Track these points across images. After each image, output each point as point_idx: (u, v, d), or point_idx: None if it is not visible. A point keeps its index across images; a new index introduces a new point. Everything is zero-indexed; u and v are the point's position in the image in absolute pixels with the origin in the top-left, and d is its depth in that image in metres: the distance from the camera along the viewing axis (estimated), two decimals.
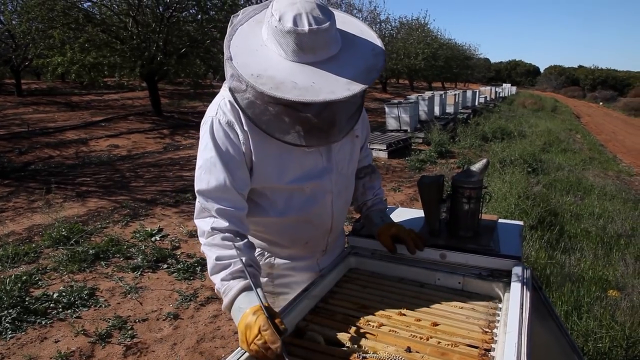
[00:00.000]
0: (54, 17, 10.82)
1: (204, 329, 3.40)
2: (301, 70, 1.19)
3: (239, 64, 1.19)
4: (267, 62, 1.21)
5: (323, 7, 1.22)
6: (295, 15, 1.17)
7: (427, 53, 30.71)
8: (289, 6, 1.19)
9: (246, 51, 1.23)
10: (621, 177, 10.20)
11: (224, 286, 1.27)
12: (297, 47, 1.19)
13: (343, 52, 1.26)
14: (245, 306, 1.20)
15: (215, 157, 1.33)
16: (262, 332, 1.10)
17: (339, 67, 1.22)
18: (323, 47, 1.21)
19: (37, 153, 8.98)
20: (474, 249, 1.61)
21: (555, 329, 1.62)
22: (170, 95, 19.09)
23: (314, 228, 1.55)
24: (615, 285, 4.00)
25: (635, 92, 56.84)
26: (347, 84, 1.19)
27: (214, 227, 1.32)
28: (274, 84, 1.16)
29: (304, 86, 1.16)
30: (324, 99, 1.16)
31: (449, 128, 13.41)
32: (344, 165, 1.54)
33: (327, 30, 1.19)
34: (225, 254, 1.29)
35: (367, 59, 1.27)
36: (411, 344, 1.20)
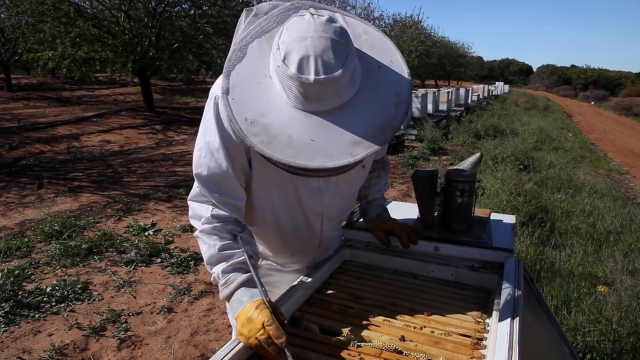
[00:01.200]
0: (44, 11, 10.73)
1: (197, 322, 3.41)
2: (301, 121, 1.04)
3: (235, 102, 1.05)
4: (267, 102, 1.06)
5: (340, 45, 1.02)
6: (302, 58, 0.99)
7: (421, 51, 30.82)
8: (298, 42, 1.00)
9: (247, 83, 1.07)
10: (611, 176, 10.31)
11: (224, 277, 1.22)
12: (300, 95, 1.03)
13: (358, 96, 1.08)
14: (247, 299, 1.17)
15: (218, 141, 1.20)
16: (266, 327, 1.07)
17: (348, 121, 1.05)
18: (331, 97, 1.04)
19: (28, 148, 8.92)
20: (466, 241, 1.63)
21: (546, 320, 1.65)
22: (162, 91, 19.02)
23: (301, 243, 1.51)
24: (604, 281, 4.05)
25: (626, 92, 57.33)
26: (350, 145, 1.03)
27: (214, 214, 1.25)
28: (266, 136, 1.02)
29: (299, 144, 1.02)
30: (318, 166, 1.02)
31: (442, 125, 13.48)
32: (344, 187, 1.43)
33: (337, 80, 1.01)
34: (226, 244, 1.24)
35: (385, 108, 1.08)
36: (405, 333, 1.22)
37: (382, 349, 1.15)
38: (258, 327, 1.09)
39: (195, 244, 4.76)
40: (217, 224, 1.26)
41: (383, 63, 1.14)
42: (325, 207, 1.41)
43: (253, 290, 1.19)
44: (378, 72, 1.12)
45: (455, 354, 1.13)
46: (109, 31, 11.85)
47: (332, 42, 1.01)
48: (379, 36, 1.19)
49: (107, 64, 12.38)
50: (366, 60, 1.13)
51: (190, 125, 12.73)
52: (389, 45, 1.18)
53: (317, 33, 1.01)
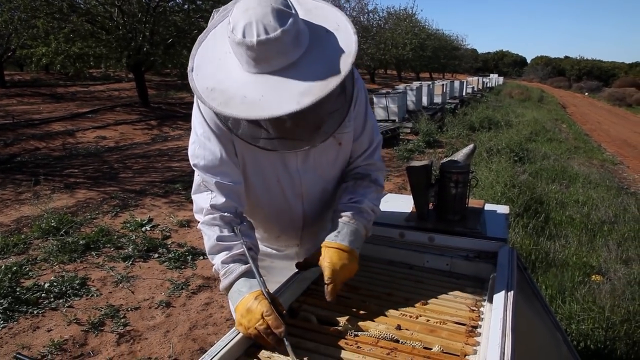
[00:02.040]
0: (37, 7, 10.65)
1: (196, 316, 3.44)
2: (254, 82, 1.12)
3: (198, 77, 1.15)
4: (225, 73, 1.15)
5: (279, 11, 1.10)
6: (245, 25, 1.09)
7: (415, 43, 30.80)
8: (243, 13, 1.10)
9: (210, 61, 1.18)
10: (605, 166, 10.36)
11: (224, 268, 1.27)
12: (248, 58, 1.11)
13: (305, 56, 1.14)
14: (246, 290, 1.20)
15: (208, 131, 1.30)
16: (265, 317, 1.11)
17: (295, 76, 1.11)
18: (276, 56, 1.10)
19: (23, 145, 8.89)
20: (461, 231, 1.66)
21: (539, 308, 1.67)
22: (157, 86, 18.93)
23: (283, 224, 1.54)
24: (598, 270, 4.10)
25: (619, 83, 57.53)
26: (297, 95, 1.08)
27: (213, 204, 1.31)
28: (223, 99, 1.11)
29: (252, 100, 1.09)
30: (270, 115, 1.07)
31: (437, 118, 13.50)
32: (325, 169, 1.46)
33: (278, 39, 1.08)
34: (226, 235, 1.29)
35: (330, 63, 1.14)
36: (401, 322, 1.24)
37: (379, 338, 1.17)
38: (257, 317, 1.12)
39: (192, 238, 4.78)
40: (216, 214, 1.31)
41: (330, 29, 1.20)
42: (304, 189, 1.45)
43: (252, 281, 1.22)
44: (326, 36, 1.19)
45: (450, 341, 1.16)
46: (102, 27, 11.78)
47: (271, 9, 1.10)
48: (329, 7, 1.26)
49: (101, 59, 12.30)
50: (314, 28, 1.20)
51: (186, 120, 12.70)
52: (337, 13, 1.24)
53: (259, 4, 1.11)
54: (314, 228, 1.59)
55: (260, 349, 1.15)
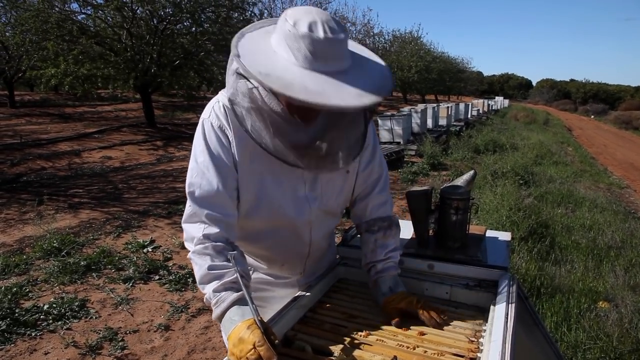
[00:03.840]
0: (48, 29, 10.86)
1: (195, 340, 3.39)
2: (311, 77, 1.14)
3: (248, 60, 1.14)
4: (276, 64, 1.16)
5: (337, 20, 1.20)
6: (311, 22, 1.14)
7: (420, 66, 31.04)
8: (305, 14, 1.16)
9: (256, 52, 1.18)
10: (612, 190, 10.30)
11: (215, 297, 1.24)
12: (309, 53, 1.14)
13: (352, 70, 1.21)
14: (238, 319, 1.18)
15: (208, 160, 1.30)
16: (257, 347, 1.09)
17: (349, 81, 1.17)
18: (335, 58, 1.17)
19: (30, 164, 8.95)
20: (461, 259, 1.63)
21: (541, 338, 1.64)
22: (164, 107, 19.12)
23: (289, 253, 1.52)
24: (605, 297, 4.03)
25: (625, 106, 57.55)
26: (358, 95, 1.14)
27: (205, 234, 1.28)
28: (282, 83, 1.11)
29: (314, 91, 1.11)
30: (336, 104, 1.11)
31: (442, 140, 13.51)
32: (330, 198, 1.47)
33: (341, 42, 1.17)
34: (218, 264, 1.26)
35: (375, 79, 1.22)
36: (398, 353, 1.21)
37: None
38: (249, 347, 1.10)
39: None
40: (208, 243, 1.28)
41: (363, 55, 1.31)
42: (313, 216, 1.45)
43: (244, 309, 1.20)
44: (365, 60, 1.29)
45: None
46: (111, 48, 11.97)
47: (332, 17, 1.20)
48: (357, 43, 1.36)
49: (109, 80, 12.46)
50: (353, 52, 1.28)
51: (191, 141, 12.65)
52: (366, 49, 1.36)
53: (318, 9, 1.21)
54: (317, 255, 1.59)
55: None
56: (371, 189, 1.55)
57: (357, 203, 1.58)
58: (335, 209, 1.53)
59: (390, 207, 1.60)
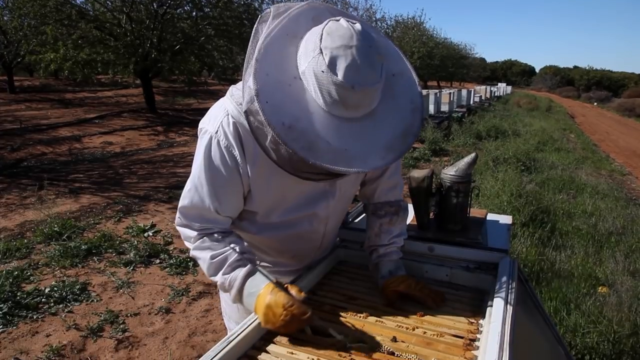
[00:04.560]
0: (46, 13, 10.78)
1: (195, 323, 3.41)
2: (336, 128, 1.05)
3: (269, 105, 1.00)
4: (300, 106, 1.04)
5: (377, 56, 1.05)
6: (349, 66, 1.00)
7: (423, 52, 30.84)
8: (344, 50, 1.00)
9: (277, 84, 1.04)
10: (613, 176, 10.26)
11: (227, 280, 1.25)
12: (340, 101, 1.03)
13: (382, 105, 1.11)
14: (256, 290, 1.21)
15: (204, 179, 1.24)
16: (287, 308, 1.12)
17: (376, 127, 1.09)
18: (366, 105, 1.07)
19: (30, 150, 8.95)
20: (462, 242, 1.62)
21: (540, 321, 1.63)
22: (164, 93, 19.07)
23: (302, 244, 1.51)
24: (605, 282, 4.03)
25: (629, 93, 57.22)
26: (382, 150, 1.09)
27: (200, 233, 1.29)
28: (306, 142, 1.02)
29: (337, 149, 1.04)
30: (357, 170, 1.06)
31: (444, 126, 13.47)
32: (347, 188, 1.46)
33: (377, 90, 1.06)
34: (218, 251, 1.27)
35: (404, 116, 1.13)
36: (397, 334, 1.21)
37: (374, 350, 1.14)
38: (280, 310, 1.13)
39: None
40: (205, 237, 1.29)
41: (396, 72, 1.16)
42: (331, 210, 1.44)
43: (257, 279, 1.23)
44: (393, 80, 1.14)
45: (447, 354, 1.13)
46: (110, 33, 11.89)
47: (372, 53, 1.04)
48: (390, 44, 1.21)
49: (109, 65, 12.40)
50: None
51: (192, 126, 12.74)
52: (398, 53, 1.20)
53: (360, 42, 1.02)
54: (327, 245, 1.61)
55: (251, 359, 1.13)
56: (382, 172, 1.51)
57: (367, 184, 1.56)
58: (350, 198, 1.54)
59: (399, 191, 1.57)
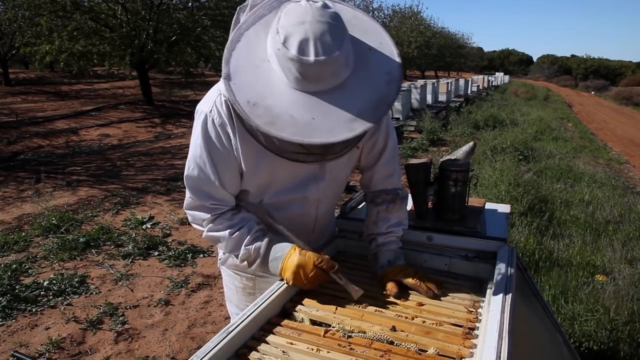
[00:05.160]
0: (40, 5, 10.69)
1: (195, 314, 3.41)
2: (302, 102, 1.08)
3: (237, 87, 1.08)
4: (268, 85, 1.10)
5: (336, 28, 1.07)
6: (302, 41, 1.04)
7: (420, 42, 30.70)
8: (297, 26, 1.05)
9: (247, 67, 1.11)
10: (611, 165, 10.28)
11: (251, 250, 1.34)
12: (300, 76, 1.07)
13: (352, 77, 1.12)
14: (281, 253, 1.31)
15: (205, 156, 1.28)
16: (317, 264, 1.25)
17: (344, 99, 1.10)
18: (328, 77, 1.08)
19: (26, 143, 8.91)
20: (460, 231, 1.62)
21: (539, 309, 1.64)
22: (161, 84, 18.97)
23: (296, 227, 1.49)
24: (603, 270, 4.05)
25: (626, 82, 57.16)
26: (349, 121, 1.07)
27: (214, 214, 1.35)
28: (270, 117, 1.06)
29: (301, 122, 1.06)
30: (321, 141, 1.07)
31: (441, 116, 13.46)
32: (338, 171, 1.47)
33: (335, 61, 1.06)
34: (235, 227, 1.35)
35: (378, 87, 1.13)
36: (396, 323, 1.21)
37: (373, 339, 1.14)
38: (310, 267, 1.26)
39: (192, 236, 4.75)
40: (218, 218, 1.36)
41: (373, 46, 1.18)
42: (321, 193, 1.45)
43: (282, 245, 1.34)
44: (369, 54, 1.17)
45: (447, 343, 1.13)
46: (106, 24, 11.79)
47: (329, 26, 1.06)
48: (368, 20, 1.23)
49: (104, 57, 12.31)
50: (358, 43, 1.17)
51: (189, 118, 12.63)
52: (378, 28, 1.22)
53: (315, 17, 1.06)
54: (321, 228, 1.61)
55: (251, 350, 1.13)
56: (376, 159, 1.52)
57: (364, 172, 1.57)
58: (342, 182, 1.55)
59: (397, 179, 1.56)
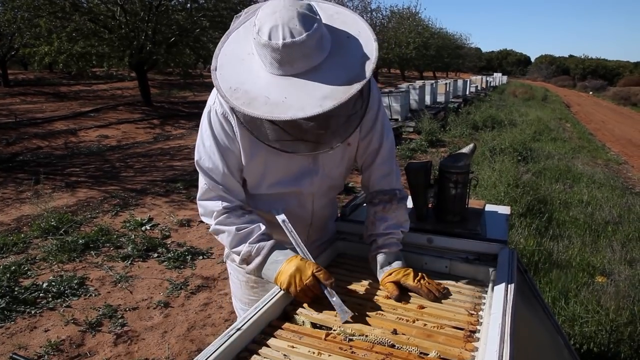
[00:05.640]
0: (39, 6, 10.67)
1: (194, 316, 3.41)
2: (277, 84, 1.16)
3: (222, 76, 1.20)
4: (248, 73, 1.20)
5: (305, 16, 1.15)
6: (272, 27, 1.13)
7: (418, 42, 30.70)
8: (269, 16, 1.15)
9: (233, 61, 1.23)
10: (610, 165, 10.29)
11: (254, 248, 1.37)
12: (273, 60, 1.15)
13: (328, 60, 1.19)
14: (283, 258, 1.35)
15: (214, 146, 1.37)
16: (315, 273, 1.28)
17: (317, 79, 1.16)
18: (300, 59, 1.15)
19: (25, 144, 8.89)
20: (460, 233, 1.62)
21: (540, 311, 1.64)
22: (160, 85, 18.96)
23: (294, 220, 1.51)
24: (602, 271, 4.05)
25: (624, 82, 57.26)
26: (320, 99, 1.12)
27: (225, 206, 1.40)
28: (247, 98, 1.16)
29: (275, 102, 1.13)
30: (292, 116, 1.12)
31: (440, 117, 13.46)
32: (331, 167, 1.50)
33: (303, 43, 1.12)
34: (244, 225, 1.39)
35: (351, 68, 1.18)
36: (397, 327, 1.21)
37: (374, 343, 1.14)
38: (308, 274, 1.28)
39: (192, 238, 4.75)
40: (229, 212, 1.41)
41: (352, 33, 1.25)
42: (315, 188, 1.50)
43: (286, 251, 1.38)
44: (347, 41, 1.24)
45: (448, 346, 1.12)
46: (105, 25, 11.78)
47: (297, 13, 1.14)
48: (349, 14, 1.31)
49: (103, 58, 12.30)
50: (336, 32, 1.25)
51: (188, 119, 12.70)
52: (357, 19, 1.29)
53: (285, 7, 1.15)
54: (319, 224, 1.64)
55: (252, 353, 1.13)
56: (372, 159, 1.53)
57: (363, 172, 1.59)
58: (337, 178, 1.57)
59: (394, 179, 1.56)
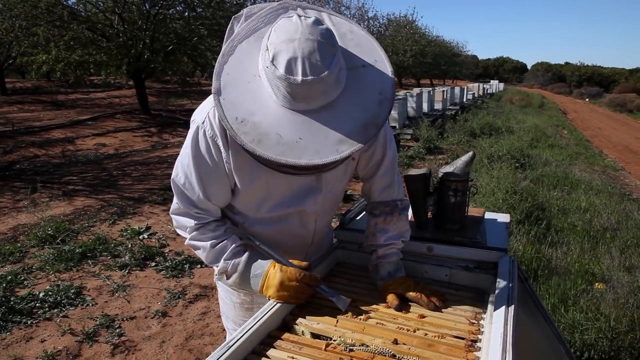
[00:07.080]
0: (37, 15, 10.68)
1: (192, 326, 3.38)
2: (289, 120, 1.07)
3: (226, 102, 1.07)
4: (257, 101, 1.09)
5: (326, 47, 1.05)
6: (290, 59, 1.02)
7: (415, 50, 30.83)
8: (286, 43, 1.03)
9: (238, 82, 1.10)
10: (607, 172, 10.32)
11: (229, 264, 1.33)
12: (288, 94, 1.06)
13: (343, 95, 1.10)
14: (261, 270, 1.31)
15: (193, 166, 1.27)
16: (299, 280, 1.25)
17: (333, 119, 1.08)
18: (317, 96, 1.06)
19: (23, 152, 8.87)
20: (460, 241, 1.61)
21: (541, 319, 1.63)
22: (157, 93, 18.98)
23: (294, 240, 1.50)
24: (601, 278, 4.04)
25: (620, 89, 57.49)
26: (336, 143, 1.06)
27: (197, 222, 1.34)
28: (256, 134, 1.05)
29: (288, 141, 1.05)
30: (307, 162, 1.05)
31: (437, 124, 13.50)
32: (334, 183, 1.44)
33: (323, 81, 1.04)
34: (218, 239, 1.34)
35: (369, 107, 1.10)
36: (398, 336, 1.19)
37: (375, 353, 1.13)
38: (294, 283, 1.26)
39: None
40: (202, 228, 1.35)
41: (367, 62, 1.15)
42: (319, 206, 1.43)
43: (261, 262, 1.33)
44: (362, 71, 1.14)
45: (449, 356, 1.11)
46: (103, 34, 11.80)
47: (318, 44, 1.04)
48: (364, 35, 1.20)
49: (101, 66, 12.31)
50: (351, 59, 1.15)
51: (186, 127, 12.55)
52: (373, 44, 1.19)
53: (304, 35, 1.04)
54: (319, 242, 1.60)
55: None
56: (374, 171, 1.49)
57: (363, 182, 1.55)
58: (339, 194, 1.53)
59: (396, 190, 1.53)
